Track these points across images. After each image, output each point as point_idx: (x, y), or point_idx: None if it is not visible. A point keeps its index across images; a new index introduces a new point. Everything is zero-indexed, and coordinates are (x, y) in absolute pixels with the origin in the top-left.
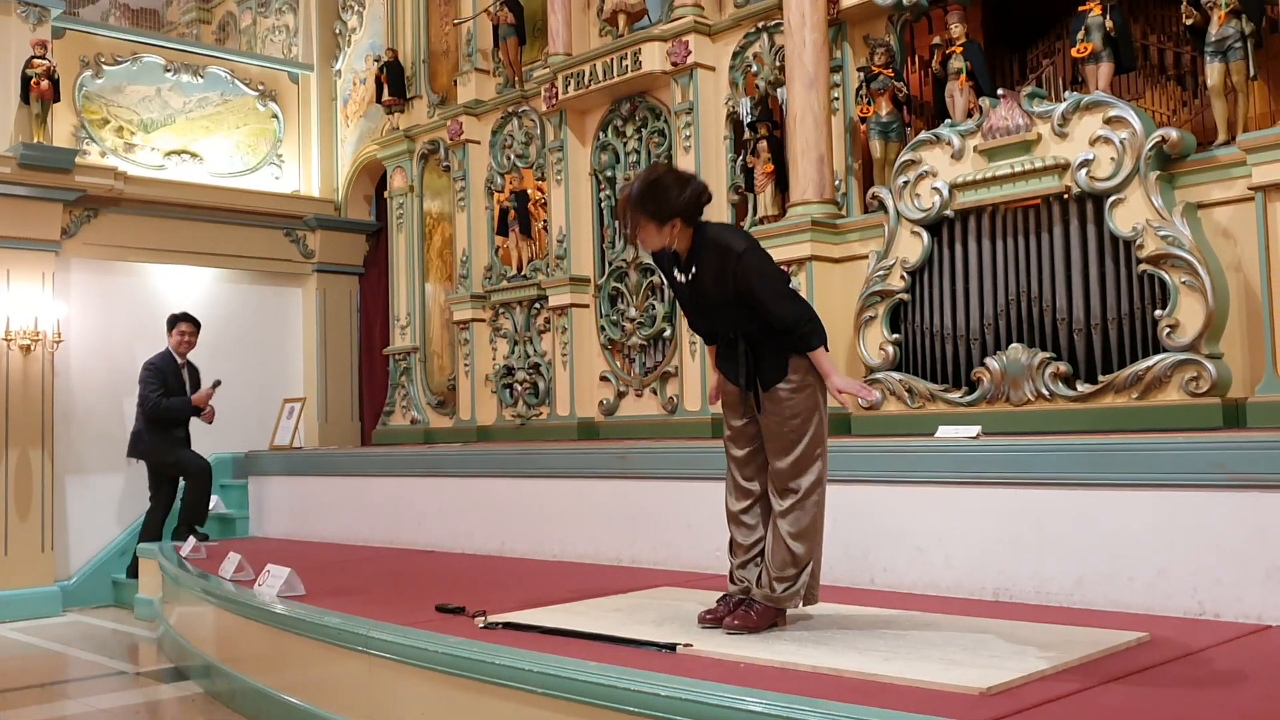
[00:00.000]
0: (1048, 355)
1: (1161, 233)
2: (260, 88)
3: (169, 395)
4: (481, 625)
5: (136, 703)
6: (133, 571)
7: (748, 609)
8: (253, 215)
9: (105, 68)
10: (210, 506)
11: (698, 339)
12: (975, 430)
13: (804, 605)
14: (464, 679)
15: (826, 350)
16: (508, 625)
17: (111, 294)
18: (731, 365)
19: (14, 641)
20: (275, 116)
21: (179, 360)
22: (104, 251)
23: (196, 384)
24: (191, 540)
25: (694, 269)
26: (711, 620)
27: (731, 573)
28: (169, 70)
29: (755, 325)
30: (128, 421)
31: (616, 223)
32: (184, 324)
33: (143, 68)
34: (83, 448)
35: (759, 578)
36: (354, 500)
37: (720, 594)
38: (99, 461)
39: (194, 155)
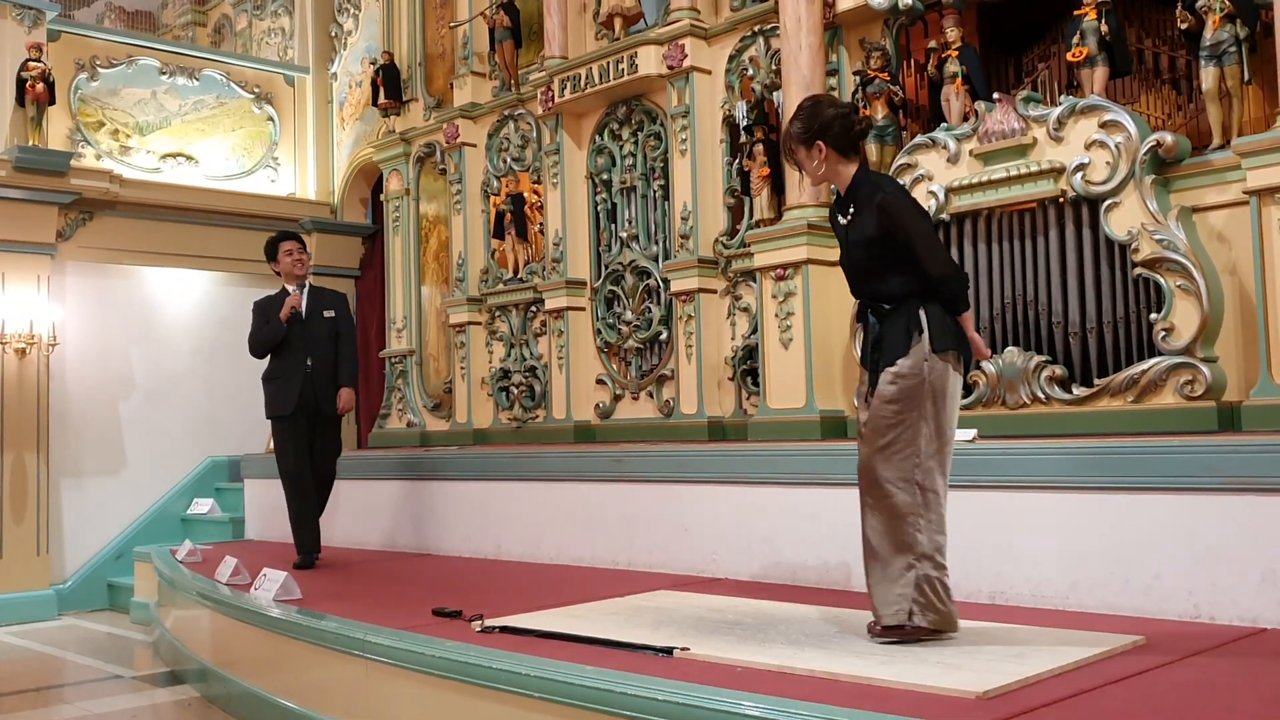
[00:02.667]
0: (1043, 359)
1: (1157, 236)
2: (256, 90)
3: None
4: (478, 629)
5: (132, 707)
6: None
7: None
8: (248, 218)
9: (100, 70)
10: (205, 510)
11: (694, 342)
12: (971, 434)
13: (931, 628)
14: (461, 683)
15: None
16: (504, 629)
17: (107, 297)
18: (864, 342)
19: (9, 645)
20: (271, 119)
21: (292, 290)
22: (99, 254)
23: (317, 315)
24: (188, 543)
25: (851, 209)
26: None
27: None
28: (164, 73)
29: (893, 286)
30: (124, 424)
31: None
32: (286, 243)
33: (138, 70)
34: (78, 451)
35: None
36: (350, 503)
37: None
38: (94, 465)
39: (189, 158)
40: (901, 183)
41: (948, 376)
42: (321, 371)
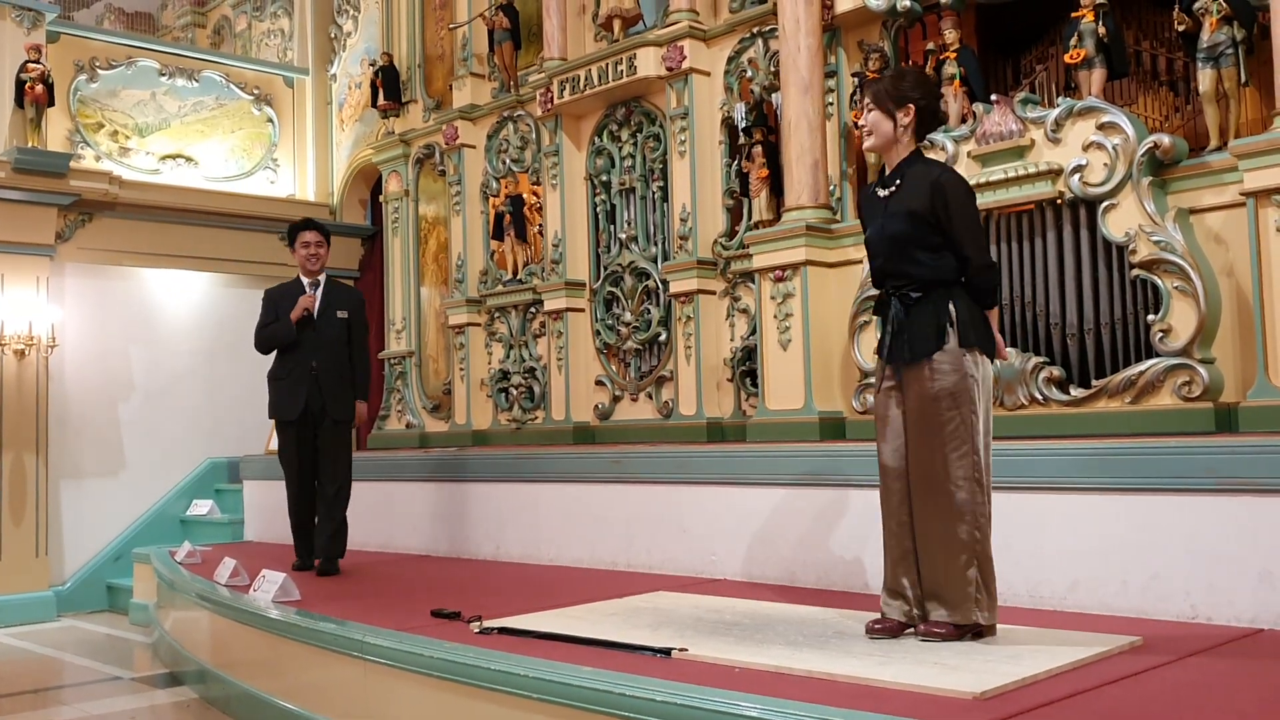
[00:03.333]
0: (1041, 360)
1: (1154, 238)
2: (255, 92)
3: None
4: (477, 630)
5: (131, 708)
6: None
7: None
8: (248, 219)
9: (100, 72)
10: (204, 512)
11: (693, 343)
12: None
13: (990, 625)
14: (459, 684)
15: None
16: (503, 630)
17: (106, 298)
18: (884, 333)
19: (8, 647)
20: (270, 121)
21: (307, 282)
22: (99, 256)
23: (329, 314)
24: (187, 545)
25: (899, 181)
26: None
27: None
28: (164, 74)
29: (923, 269)
30: (123, 426)
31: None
32: (306, 233)
33: (137, 72)
34: (78, 452)
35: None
36: (350, 505)
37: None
38: (94, 466)
39: (189, 159)
40: None
41: (987, 369)
42: (329, 375)
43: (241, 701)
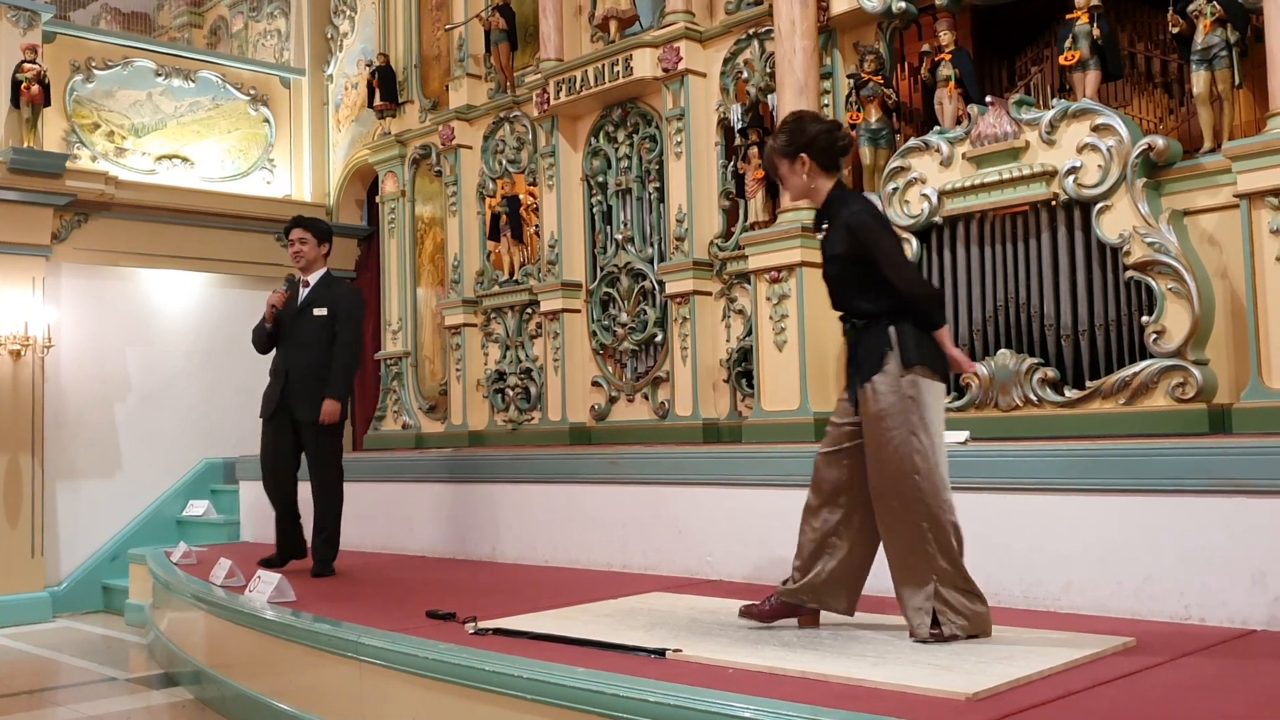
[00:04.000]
0: (1036, 361)
1: (1148, 240)
2: (252, 92)
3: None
4: (472, 631)
5: (127, 709)
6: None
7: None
8: (244, 220)
9: (96, 72)
10: (200, 512)
11: (689, 344)
12: (964, 435)
13: (963, 634)
14: (455, 685)
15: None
16: (498, 631)
17: (102, 299)
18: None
19: (3, 648)
20: (267, 121)
21: (298, 279)
22: (95, 256)
23: (307, 312)
24: (183, 545)
25: (825, 224)
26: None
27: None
28: (160, 75)
29: (866, 303)
30: (119, 426)
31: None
32: (291, 231)
33: (134, 72)
34: (74, 453)
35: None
36: (345, 505)
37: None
38: (89, 467)
39: (185, 160)
40: (874, 199)
41: (924, 386)
42: (298, 375)
43: (237, 702)
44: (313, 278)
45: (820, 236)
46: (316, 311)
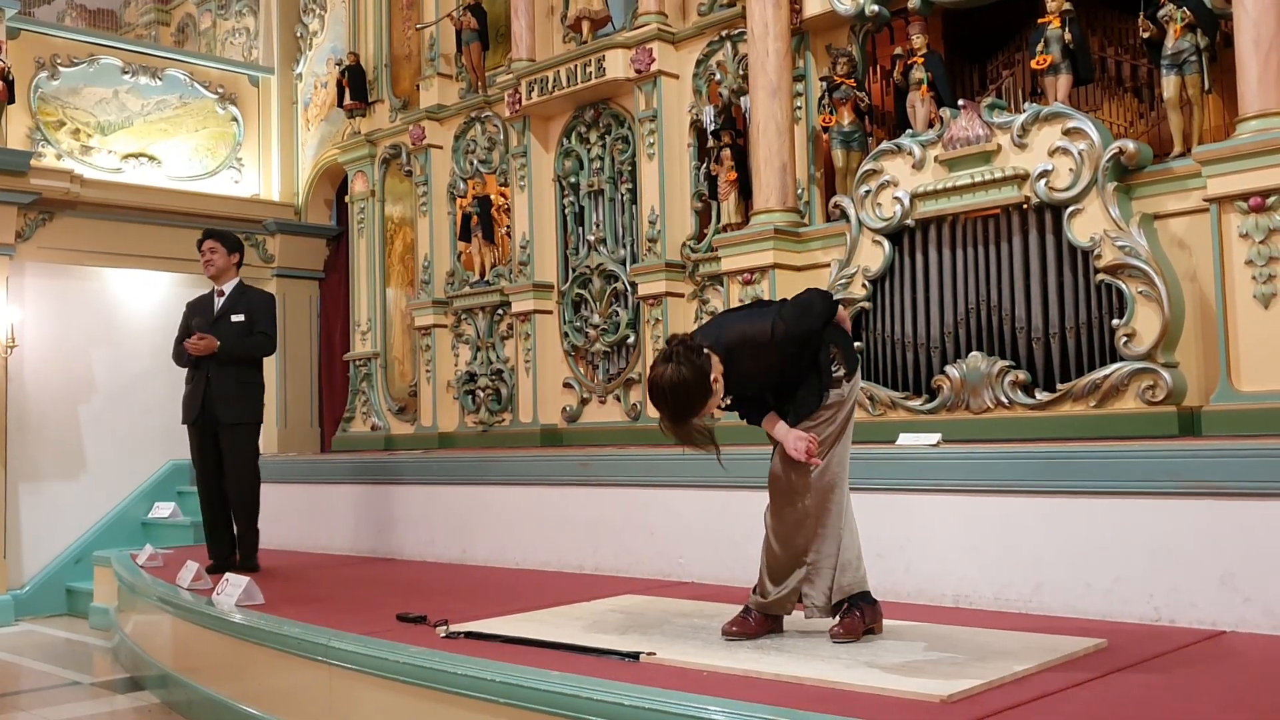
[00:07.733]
0: (1007, 363)
1: (1119, 243)
2: (220, 91)
3: (188, 336)
4: (443, 634)
5: (91, 714)
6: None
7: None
8: (212, 219)
9: (61, 69)
10: (166, 514)
11: (662, 346)
12: (935, 438)
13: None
14: (425, 689)
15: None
16: (469, 634)
17: (67, 298)
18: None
19: None
20: (235, 120)
21: (214, 289)
22: (60, 255)
23: (224, 320)
24: (149, 548)
25: (729, 380)
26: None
27: None
28: (127, 72)
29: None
30: (83, 427)
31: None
32: (204, 242)
33: (100, 69)
34: (37, 455)
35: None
36: (313, 507)
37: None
38: (53, 469)
39: (152, 158)
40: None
41: (857, 387)
42: (219, 379)
43: (204, 706)
44: (227, 286)
45: (727, 402)
46: (234, 318)
